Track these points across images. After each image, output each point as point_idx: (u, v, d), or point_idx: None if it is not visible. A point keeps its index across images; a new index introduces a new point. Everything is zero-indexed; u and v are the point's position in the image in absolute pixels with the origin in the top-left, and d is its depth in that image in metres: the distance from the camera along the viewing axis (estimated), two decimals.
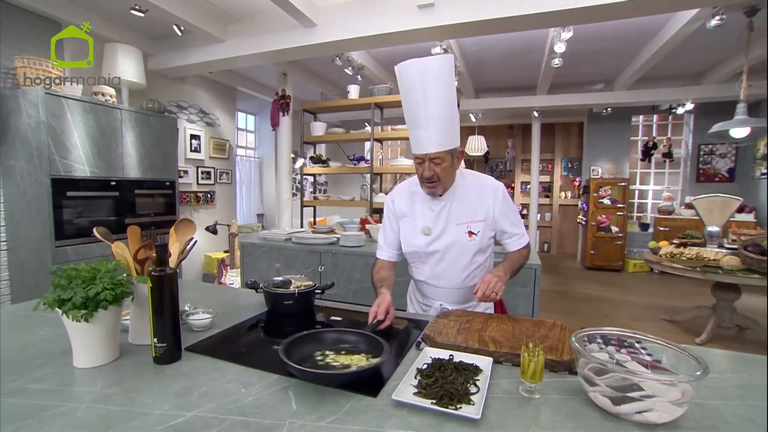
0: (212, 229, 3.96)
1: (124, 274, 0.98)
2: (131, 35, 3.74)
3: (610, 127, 6.48)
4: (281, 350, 0.87)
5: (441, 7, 2.99)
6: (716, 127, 3.49)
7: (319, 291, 1.40)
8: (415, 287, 1.52)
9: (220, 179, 4.92)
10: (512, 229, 1.36)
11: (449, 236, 1.33)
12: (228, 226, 4.03)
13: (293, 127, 4.38)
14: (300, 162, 4.01)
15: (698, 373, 0.70)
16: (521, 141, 8.41)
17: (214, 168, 4.86)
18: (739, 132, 3.44)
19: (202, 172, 4.71)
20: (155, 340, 0.90)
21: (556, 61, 3.93)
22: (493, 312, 1.44)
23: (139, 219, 3.41)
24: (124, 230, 1.10)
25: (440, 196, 1.32)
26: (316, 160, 4.06)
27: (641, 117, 6.60)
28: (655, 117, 6.51)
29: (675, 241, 3.73)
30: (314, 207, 4.37)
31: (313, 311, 1.39)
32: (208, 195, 4.75)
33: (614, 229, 6.14)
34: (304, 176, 4.14)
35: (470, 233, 1.32)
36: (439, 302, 1.41)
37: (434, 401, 0.77)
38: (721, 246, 3.45)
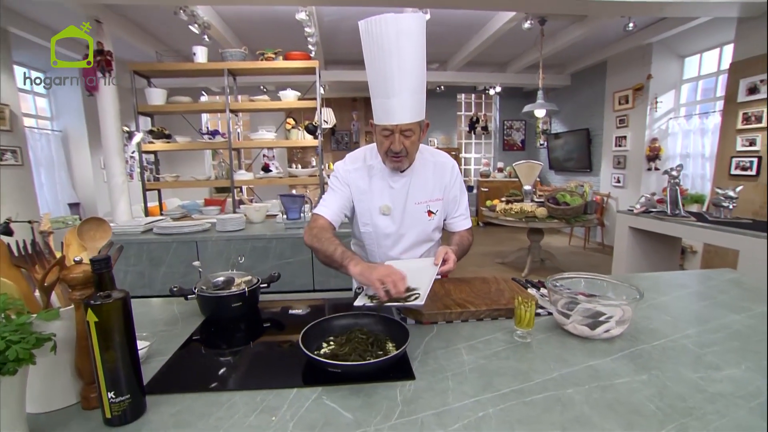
0: (2, 230, 2.82)
1: (33, 315, 0.64)
2: None
3: (442, 102, 7.45)
4: (310, 354, 0.75)
5: None
6: (526, 108, 4.46)
7: (266, 285, 1.22)
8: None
9: (2, 159, 3.49)
10: (460, 209, 1.39)
11: (409, 216, 1.30)
12: (30, 222, 2.94)
13: (120, 95, 3.43)
14: (138, 137, 3.22)
15: (637, 297, 0.95)
16: (364, 114, 8.82)
17: None
18: (540, 112, 4.49)
19: None
20: (110, 394, 0.64)
21: None
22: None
23: None
24: None
25: (402, 171, 1.28)
26: (159, 134, 3.33)
27: (463, 95, 7.81)
28: (473, 96, 7.81)
29: (503, 199, 4.67)
30: (158, 190, 3.63)
31: (258, 311, 1.21)
32: None
33: None
34: (143, 154, 3.34)
35: (429, 212, 1.32)
36: None
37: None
38: (533, 200, 4.52)
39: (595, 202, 4.71)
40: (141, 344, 0.87)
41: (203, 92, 5.72)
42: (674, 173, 2.67)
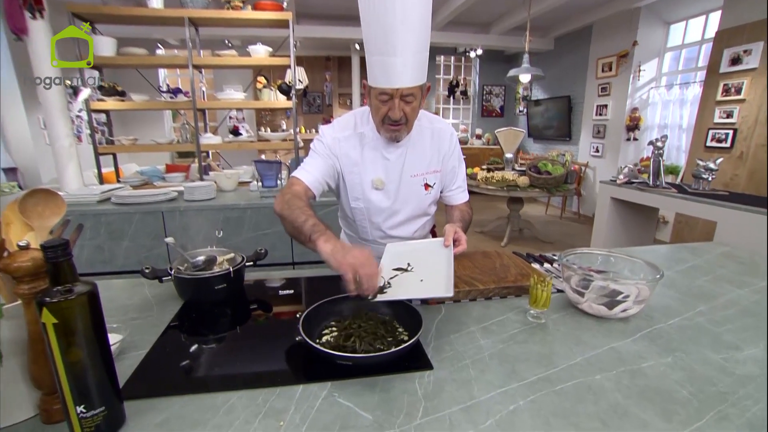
0: None
1: None
2: None
3: None
4: (315, 345, 0.68)
5: None
6: (511, 72, 4.36)
7: (251, 264, 1.11)
8: (350, 243, 1.39)
9: None
10: (458, 181, 1.31)
11: (404, 190, 1.21)
12: None
13: (60, 44, 3.01)
14: (85, 93, 2.88)
15: (657, 276, 0.92)
16: (338, 74, 8.43)
17: None
18: (525, 77, 4.41)
19: None
20: (80, 409, 0.53)
21: None
22: None
23: None
24: None
25: (398, 141, 1.16)
26: (110, 91, 3.00)
27: (443, 57, 7.58)
28: (452, 58, 7.59)
29: (484, 167, 4.66)
30: (113, 155, 3.33)
31: (244, 292, 1.11)
32: None
33: None
34: (93, 114, 3.00)
35: (426, 186, 1.23)
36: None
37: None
38: (513, 169, 4.53)
39: (574, 171, 4.79)
40: (112, 338, 0.76)
41: (159, 45, 5.22)
42: (659, 144, 2.70)
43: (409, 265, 0.99)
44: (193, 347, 0.82)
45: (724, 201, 2.39)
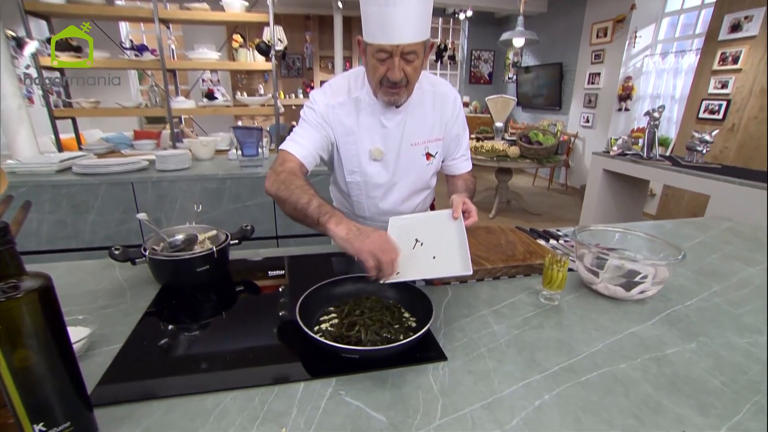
0: None
1: None
2: None
3: None
4: (317, 337, 0.61)
5: None
6: (504, 36, 4.21)
7: (237, 242, 1.02)
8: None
9: None
10: (462, 149, 1.23)
11: (405, 161, 1.12)
12: None
13: None
14: (32, 46, 2.60)
15: (679, 256, 0.88)
16: (319, 35, 8.02)
17: None
18: (518, 41, 4.26)
19: None
20: (38, 428, 0.45)
21: None
22: None
23: None
24: None
25: (398, 107, 1.06)
26: (63, 45, 2.72)
27: None
28: (440, 20, 7.29)
29: (473, 136, 4.57)
30: (73, 120, 3.08)
31: (229, 274, 1.02)
32: None
33: None
34: (44, 71, 2.72)
35: (428, 155, 1.14)
36: None
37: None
38: (503, 138, 4.46)
39: (564, 142, 4.76)
40: (78, 333, 0.67)
41: None
42: (656, 115, 2.67)
43: (417, 240, 0.92)
44: (175, 339, 0.74)
45: (717, 174, 2.40)
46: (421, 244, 0.92)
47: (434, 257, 0.86)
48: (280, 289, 0.95)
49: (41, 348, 0.44)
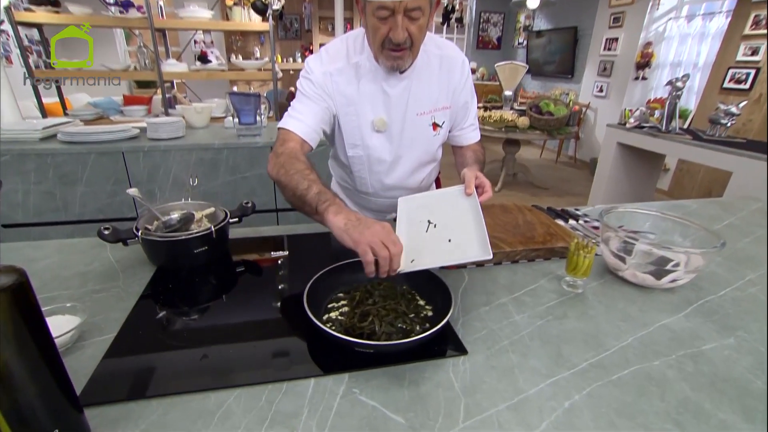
0: None
1: None
2: None
3: None
4: (328, 329, 0.57)
5: None
6: None
7: (236, 220, 0.96)
8: (345, 197, 1.25)
9: None
10: (470, 118, 1.16)
11: (410, 132, 1.05)
12: None
13: None
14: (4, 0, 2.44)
15: (717, 245, 0.83)
16: None
17: None
18: (533, 2, 4.05)
19: None
20: None
21: None
22: None
23: None
24: None
25: (402, 72, 0.98)
26: None
27: None
28: None
29: (480, 105, 4.44)
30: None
31: (229, 254, 0.98)
32: None
33: None
34: (20, 28, 2.58)
35: (434, 125, 1.07)
36: (393, 215, 1.21)
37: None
38: (512, 108, 4.33)
39: (575, 112, 4.63)
40: (66, 323, 0.63)
41: None
42: (679, 84, 2.55)
43: (430, 222, 0.87)
44: (172, 328, 0.70)
45: (742, 149, 2.32)
46: (434, 227, 0.86)
47: (450, 240, 0.81)
48: (282, 272, 0.91)
49: (19, 351, 0.39)
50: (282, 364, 0.62)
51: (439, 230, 0.85)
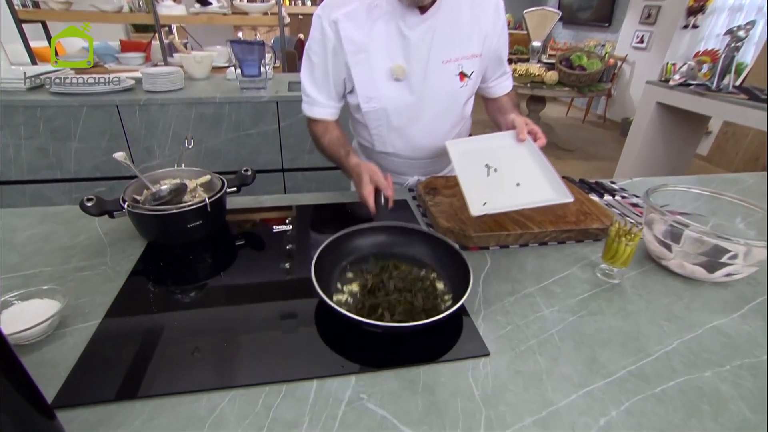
0: None
1: None
2: None
3: None
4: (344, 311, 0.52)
5: None
6: None
7: (235, 190, 0.90)
8: (367, 158, 1.17)
9: None
10: (504, 65, 1.07)
11: (433, 82, 0.95)
12: None
13: None
14: None
15: None
16: None
17: None
18: None
19: None
20: None
21: None
22: None
23: None
24: None
25: (423, 9, 0.88)
26: None
27: None
28: None
29: None
30: (43, 25, 2.81)
31: (227, 226, 0.92)
32: None
33: None
34: None
35: (462, 75, 0.97)
36: (414, 177, 1.13)
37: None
38: (540, 61, 4.07)
39: (609, 66, 4.32)
40: (44, 309, 0.58)
41: None
42: (741, 33, 2.30)
43: (489, 167, 0.85)
44: (163, 314, 0.66)
45: None
46: (495, 171, 0.85)
47: (518, 184, 0.81)
48: (289, 246, 0.85)
49: None
50: (282, 360, 0.57)
51: (502, 174, 0.84)
